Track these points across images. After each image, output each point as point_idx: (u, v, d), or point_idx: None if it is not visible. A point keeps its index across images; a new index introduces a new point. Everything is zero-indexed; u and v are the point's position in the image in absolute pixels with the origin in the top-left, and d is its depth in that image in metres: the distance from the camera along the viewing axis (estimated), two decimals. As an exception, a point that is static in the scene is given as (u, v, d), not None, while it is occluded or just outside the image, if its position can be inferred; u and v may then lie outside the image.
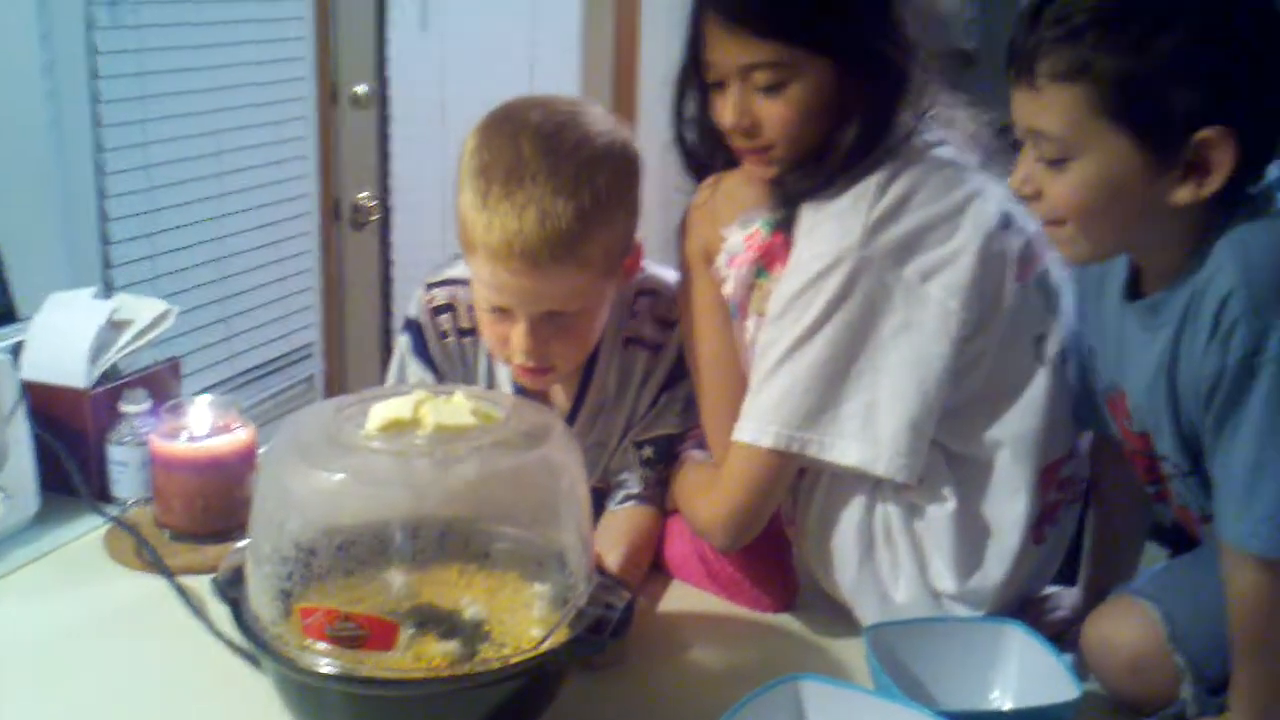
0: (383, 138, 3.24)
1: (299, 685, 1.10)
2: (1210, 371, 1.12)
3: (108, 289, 2.52)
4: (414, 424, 1.14)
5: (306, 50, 3.05)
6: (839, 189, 1.30)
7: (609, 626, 1.14)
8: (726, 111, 1.33)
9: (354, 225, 3.25)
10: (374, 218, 3.25)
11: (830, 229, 1.29)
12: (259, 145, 2.93)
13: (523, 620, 1.13)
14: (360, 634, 1.07)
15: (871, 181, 1.29)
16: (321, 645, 1.08)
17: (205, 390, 2.75)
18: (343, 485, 1.10)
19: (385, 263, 3.32)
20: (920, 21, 1.32)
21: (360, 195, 3.23)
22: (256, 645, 1.11)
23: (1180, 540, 2.18)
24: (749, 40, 1.28)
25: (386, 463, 1.10)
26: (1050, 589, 1.47)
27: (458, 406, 1.16)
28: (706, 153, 1.43)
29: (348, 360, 3.34)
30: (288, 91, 3.01)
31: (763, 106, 1.31)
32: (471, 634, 1.11)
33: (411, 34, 3.21)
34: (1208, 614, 1.18)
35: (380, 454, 1.11)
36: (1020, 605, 1.39)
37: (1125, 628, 1.25)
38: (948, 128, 1.39)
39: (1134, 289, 1.24)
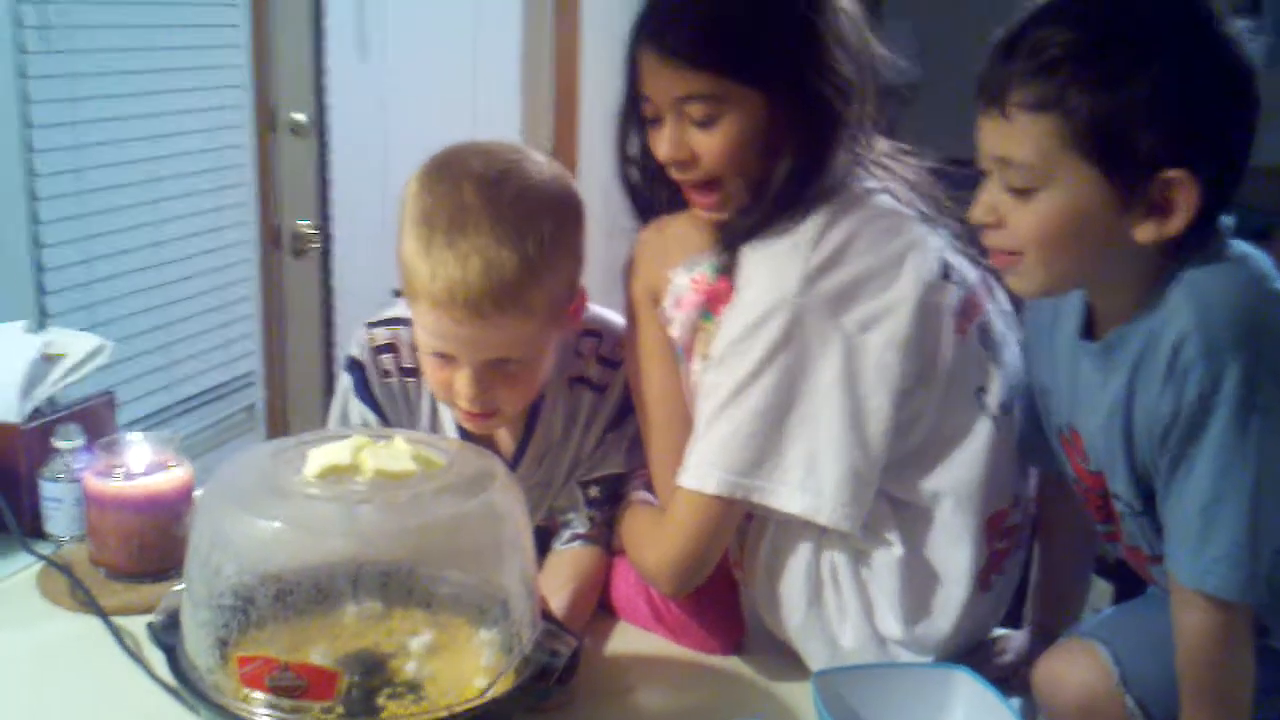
0: (322, 165, 3.20)
1: (235, 737, 1.07)
2: (1165, 413, 1.12)
3: (42, 317, 2.48)
4: (353, 469, 1.12)
5: (244, 78, 3.03)
6: (778, 231, 1.29)
7: (554, 673, 1.13)
8: (662, 144, 1.32)
9: (294, 253, 3.22)
10: (314, 245, 3.22)
11: (768, 275, 1.28)
12: (197, 172, 2.90)
13: (467, 667, 1.11)
14: (299, 684, 1.04)
15: (809, 227, 1.28)
16: (260, 695, 1.05)
17: (144, 419, 2.74)
18: (280, 532, 1.08)
19: (326, 290, 3.28)
20: (858, 62, 1.32)
21: (300, 223, 3.20)
22: (193, 694, 1.08)
23: (1125, 576, 2.21)
24: (682, 71, 1.28)
25: (325, 509, 1.08)
26: (997, 632, 1.47)
27: (398, 452, 1.14)
28: (650, 191, 1.42)
29: (288, 388, 3.30)
30: (225, 119, 2.99)
31: (697, 139, 1.30)
32: (413, 682, 1.09)
33: (350, 62, 3.18)
34: (1158, 656, 1.18)
35: (318, 500, 1.09)
36: (968, 649, 1.39)
37: (1076, 669, 1.25)
38: (887, 174, 1.39)
39: (1088, 329, 1.24)
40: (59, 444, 1.60)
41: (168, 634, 1.14)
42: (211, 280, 2.99)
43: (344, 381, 1.53)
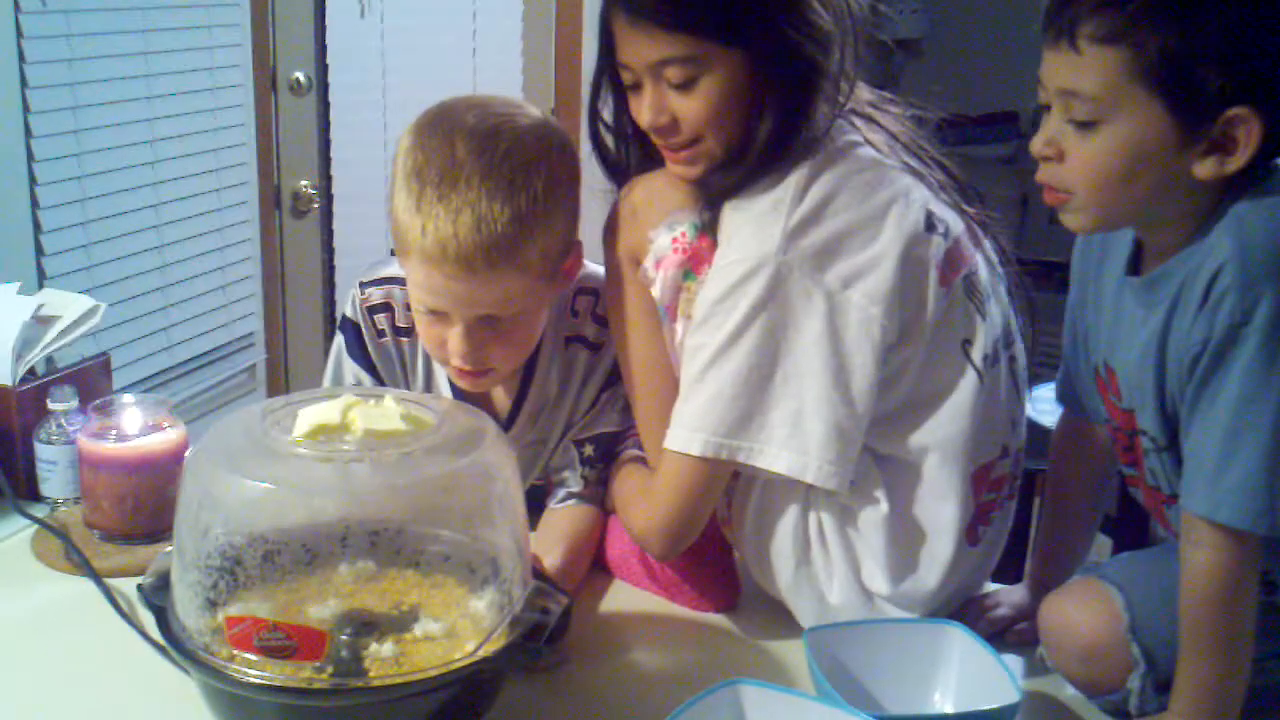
0: (323, 125, 3.20)
1: (227, 695, 1.07)
2: (1196, 340, 1.13)
3: (40, 279, 2.48)
4: (343, 429, 1.12)
5: (244, 37, 3.01)
6: (760, 189, 1.28)
7: (544, 632, 1.13)
8: (643, 111, 1.31)
9: (295, 213, 3.21)
10: (315, 205, 3.21)
11: (750, 233, 1.27)
12: (196, 132, 2.89)
13: (457, 627, 1.11)
14: (288, 644, 1.04)
15: (791, 183, 1.27)
16: (249, 655, 1.05)
17: (144, 380, 2.74)
18: (269, 492, 1.08)
19: (327, 250, 3.28)
20: (835, 9, 1.30)
21: (301, 183, 3.19)
22: (183, 654, 1.08)
23: (1126, 532, 2.21)
24: (657, 35, 1.26)
25: (314, 469, 1.08)
26: (993, 586, 1.47)
27: (388, 411, 1.14)
28: (625, 156, 1.41)
29: (290, 349, 3.30)
30: (225, 78, 2.98)
31: (678, 103, 1.28)
32: (399, 643, 1.09)
33: (350, 20, 3.16)
34: (1168, 608, 1.18)
35: (307, 460, 1.08)
36: (961, 605, 1.39)
37: (1086, 611, 1.25)
38: (870, 124, 1.37)
39: (1134, 265, 1.24)
40: (53, 406, 1.60)
41: (157, 595, 1.14)
42: (212, 241, 2.99)
43: (337, 341, 1.53)
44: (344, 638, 1.08)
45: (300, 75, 3.12)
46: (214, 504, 1.09)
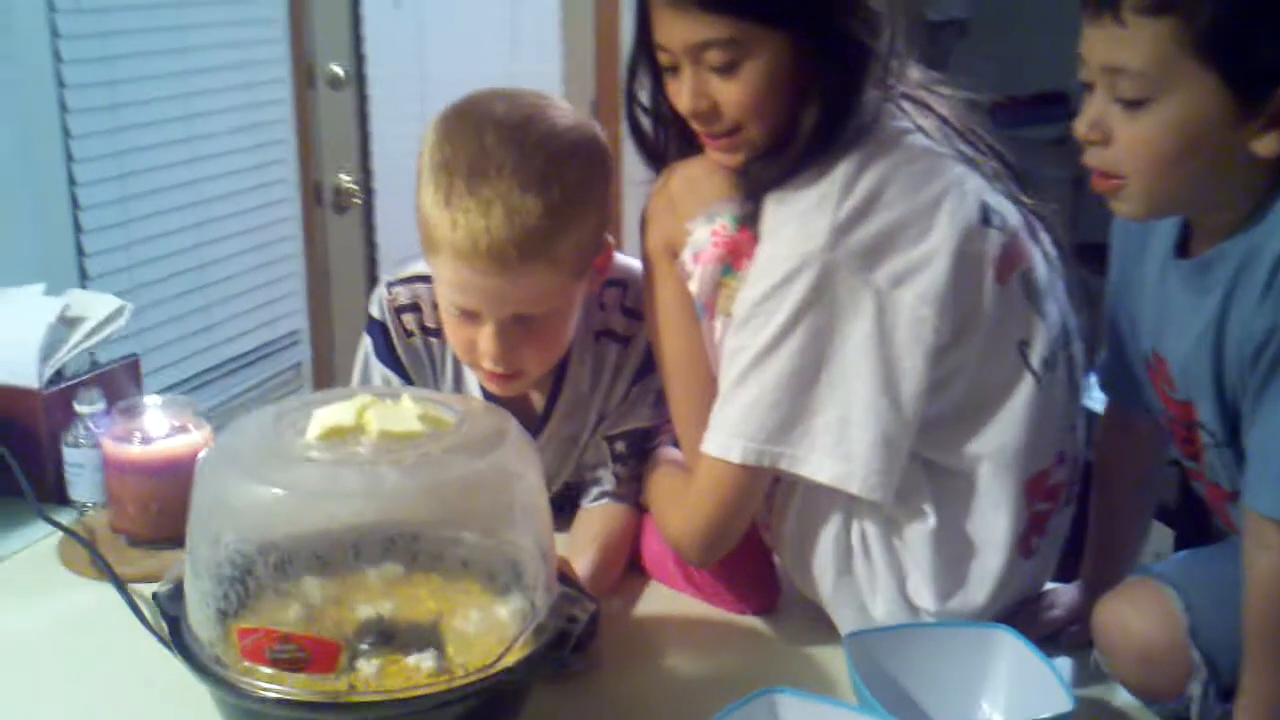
0: (362, 118, 3.17)
1: (240, 709, 1.03)
2: (1259, 330, 1.06)
3: (82, 279, 2.47)
4: (357, 431, 1.07)
5: (280, 31, 2.99)
6: (806, 179, 1.22)
7: (570, 641, 1.08)
8: (682, 96, 1.25)
9: (336, 209, 3.19)
10: (356, 200, 3.19)
11: (795, 229, 1.21)
12: (235, 129, 2.87)
13: (478, 636, 1.07)
14: (301, 656, 1.00)
15: (838, 174, 1.20)
16: (263, 668, 1.01)
17: (187, 381, 2.73)
18: (279, 499, 1.04)
19: (370, 245, 3.26)
20: None
21: (341, 178, 3.17)
22: (194, 666, 1.04)
23: (1187, 521, 2.14)
24: (697, 17, 1.19)
25: (326, 473, 1.04)
26: (1046, 585, 1.40)
27: (405, 412, 1.10)
28: (663, 141, 1.35)
29: (335, 346, 3.28)
30: (262, 73, 2.95)
31: (718, 88, 1.22)
32: (424, 650, 1.04)
33: (386, 11, 3.13)
34: (1230, 610, 1.12)
35: (320, 464, 1.04)
36: (1011, 609, 1.33)
37: (1142, 614, 1.19)
38: (920, 110, 1.31)
39: (1182, 246, 1.18)
40: (80, 409, 1.58)
41: (173, 604, 1.10)
42: (253, 239, 2.96)
43: (364, 344, 1.49)
44: (363, 648, 1.04)
45: (337, 68, 3.09)
46: (224, 510, 1.05)
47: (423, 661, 1.02)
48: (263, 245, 3.00)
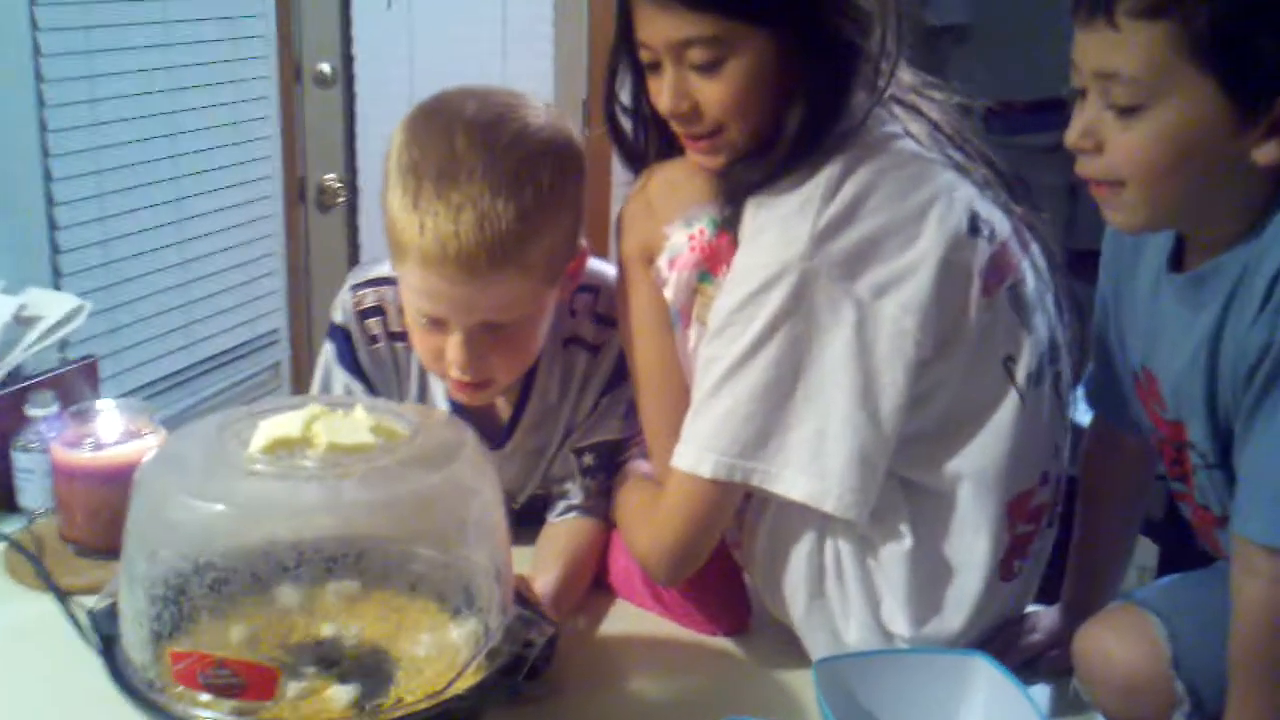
0: (349, 117, 3.12)
1: (173, 736, 0.98)
2: (1255, 347, 1.02)
3: (56, 276, 2.42)
4: (304, 443, 1.03)
5: (267, 27, 2.94)
6: (788, 184, 1.17)
7: (525, 666, 1.03)
8: (663, 95, 1.20)
9: (320, 207, 3.14)
10: (340, 199, 3.14)
11: (775, 235, 1.16)
12: (219, 125, 2.81)
13: (428, 660, 1.02)
14: (236, 682, 0.95)
15: (822, 179, 1.16)
16: (200, 694, 0.96)
17: (165, 378, 2.68)
18: (218, 514, 0.99)
19: (353, 245, 3.21)
20: None
21: (326, 176, 3.12)
22: (125, 689, 0.99)
23: (1172, 536, 2.09)
24: (680, 14, 1.15)
25: (267, 488, 0.99)
26: (1027, 608, 1.35)
27: (355, 423, 1.05)
28: (643, 142, 1.30)
29: (315, 346, 3.22)
30: (249, 70, 2.90)
31: (701, 87, 1.18)
32: (368, 677, 0.99)
33: (376, 9, 3.09)
34: (1216, 638, 1.08)
35: (261, 478, 0.99)
36: (989, 633, 1.28)
37: (1125, 644, 1.15)
38: (911, 113, 1.26)
39: (1175, 260, 1.14)
40: (31, 412, 1.52)
41: (108, 622, 1.05)
42: (235, 236, 2.91)
43: (326, 350, 1.44)
44: (302, 672, 0.99)
45: (325, 67, 3.05)
46: (159, 524, 1.01)
47: (340, 695, 0.97)
48: (244, 243, 2.94)
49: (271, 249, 3.04)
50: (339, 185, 3.13)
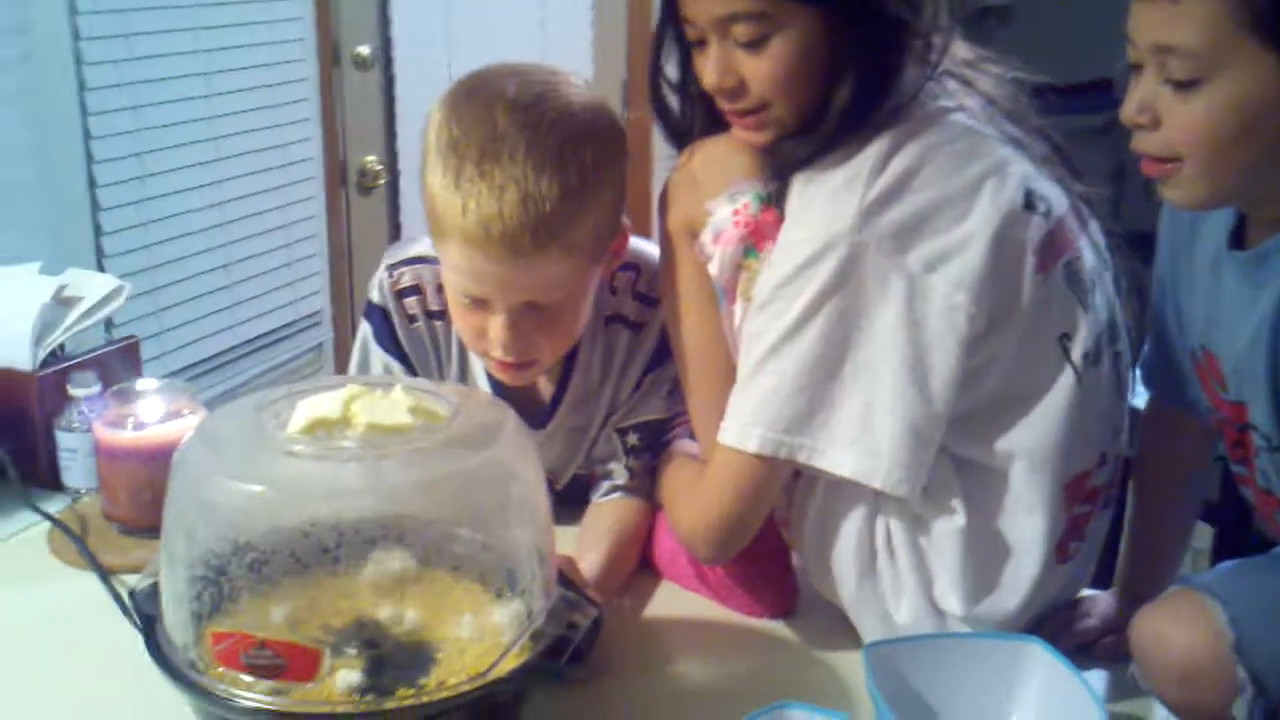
0: (388, 99, 3.12)
1: (214, 717, 0.97)
2: None
3: (99, 258, 2.42)
4: (343, 423, 1.01)
5: (305, 10, 2.94)
6: (836, 159, 1.15)
7: (568, 649, 1.01)
8: (708, 71, 1.18)
9: (361, 189, 3.15)
10: (381, 181, 3.15)
11: (822, 208, 1.14)
12: (259, 108, 2.82)
13: (470, 643, 1.00)
14: (278, 662, 0.94)
15: (870, 153, 1.13)
16: (240, 675, 0.95)
17: (207, 360, 2.69)
18: (255, 496, 0.97)
19: (394, 226, 3.21)
20: None
21: (367, 158, 3.12)
22: (166, 669, 0.98)
23: (1229, 521, 2.05)
24: None
25: (307, 469, 0.97)
26: (1082, 592, 1.32)
27: (395, 403, 1.03)
28: (688, 119, 1.28)
29: (357, 328, 3.22)
30: (287, 53, 2.90)
31: (746, 63, 1.15)
32: (408, 661, 0.98)
33: (415, -9, 3.08)
34: (1279, 625, 1.05)
35: (301, 459, 0.97)
36: (1044, 617, 1.25)
37: (1183, 628, 1.11)
38: (966, 88, 1.23)
39: (1237, 237, 1.10)
40: (74, 392, 1.52)
41: (150, 602, 1.04)
42: (276, 218, 2.92)
43: (363, 330, 1.43)
44: (349, 653, 0.98)
45: (364, 49, 3.05)
46: (198, 506, 0.99)
47: (348, 677, 0.95)
48: (285, 225, 2.95)
49: (313, 231, 3.06)
50: (379, 167, 3.13)
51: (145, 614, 1.04)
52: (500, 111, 1.21)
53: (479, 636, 1.00)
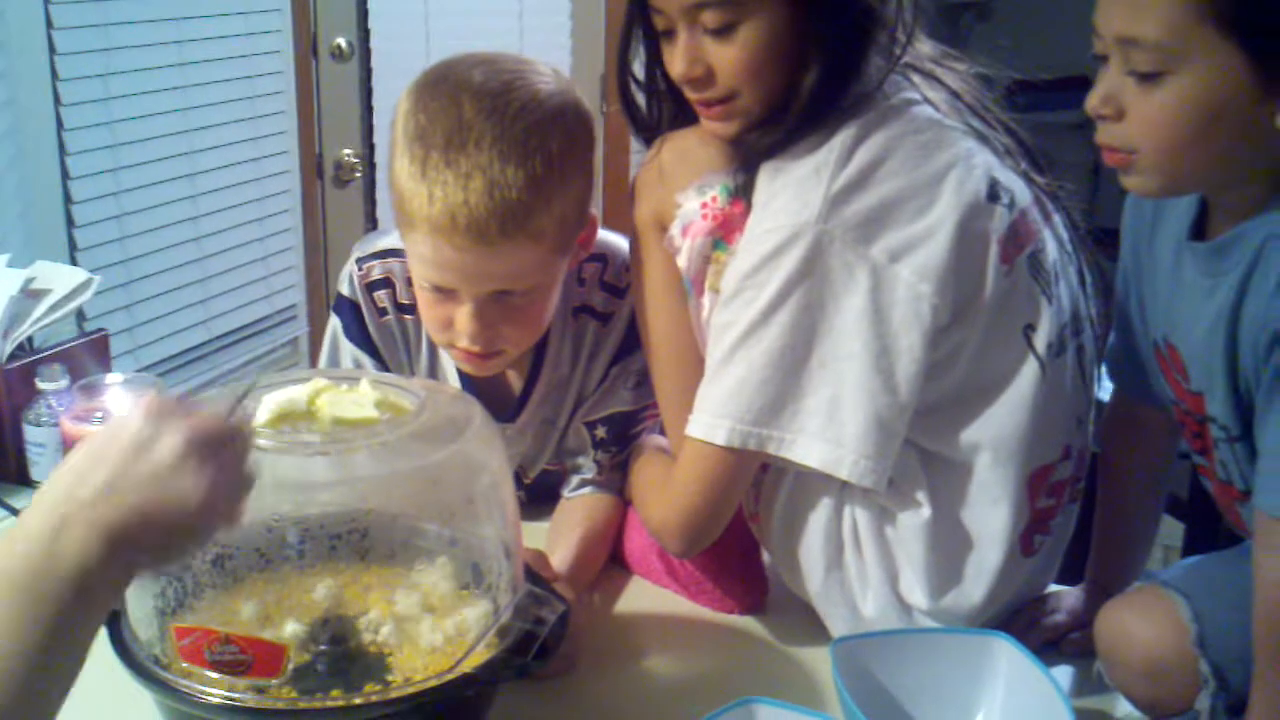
0: (365, 92, 3.10)
1: (177, 714, 0.96)
2: (1276, 317, 1.00)
3: (72, 251, 2.40)
4: (308, 417, 1.00)
5: (283, 1, 2.91)
6: (802, 150, 1.15)
7: (535, 644, 1.01)
8: (676, 60, 1.17)
9: (337, 183, 3.12)
10: (358, 174, 3.12)
11: (787, 199, 1.14)
12: (234, 100, 2.79)
13: (435, 639, 1.00)
14: (242, 659, 0.94)
15: (836, 143, 1.14)
16: (210, 673, 0.94)
17: (183, 353, 2.67)
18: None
19: (371, 220, 3.19)
20: None
21: (343, 152, 3.10)
22: (129, 665, 0.97)
23: (1198, 517, 2.06)
24: None
25: (272, 463, 0.96)
26: (1049, 588, 1.33)
27: (360, 397, 1.02)
28: (656, 113, 1.28)
29: (333, 322, 3.21)
30: (264, 44, 2.88)
31: (714, 52, 1.15)
32: (374, 657, 0.98)
33: (393, -18, 3.06)
34: (1242, 619, 1.05)
35: (266, 452, 0.96)
36: (1011, 612, 1.25)
37: (1147, 623, 1.12)
38: (930, 82, 1.23)
39: (1197, 228, 1.11)
40: (42, 385, 1.51)
41: (115, 598, 1.03)
42: (251, 211, 2.90)
43: (333, 324, 1.42)
44: (313, 649, 0.97)
45: (341, 41, 3.03)
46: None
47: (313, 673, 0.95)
48: (260, 219, 2.93)
49: (289, 224, 3.03)
50: (356, 160, 3.11)
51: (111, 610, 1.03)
52: (467, 100, 1.21)
53: (445, 632, 1.00)
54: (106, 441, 0.79)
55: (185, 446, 0.79)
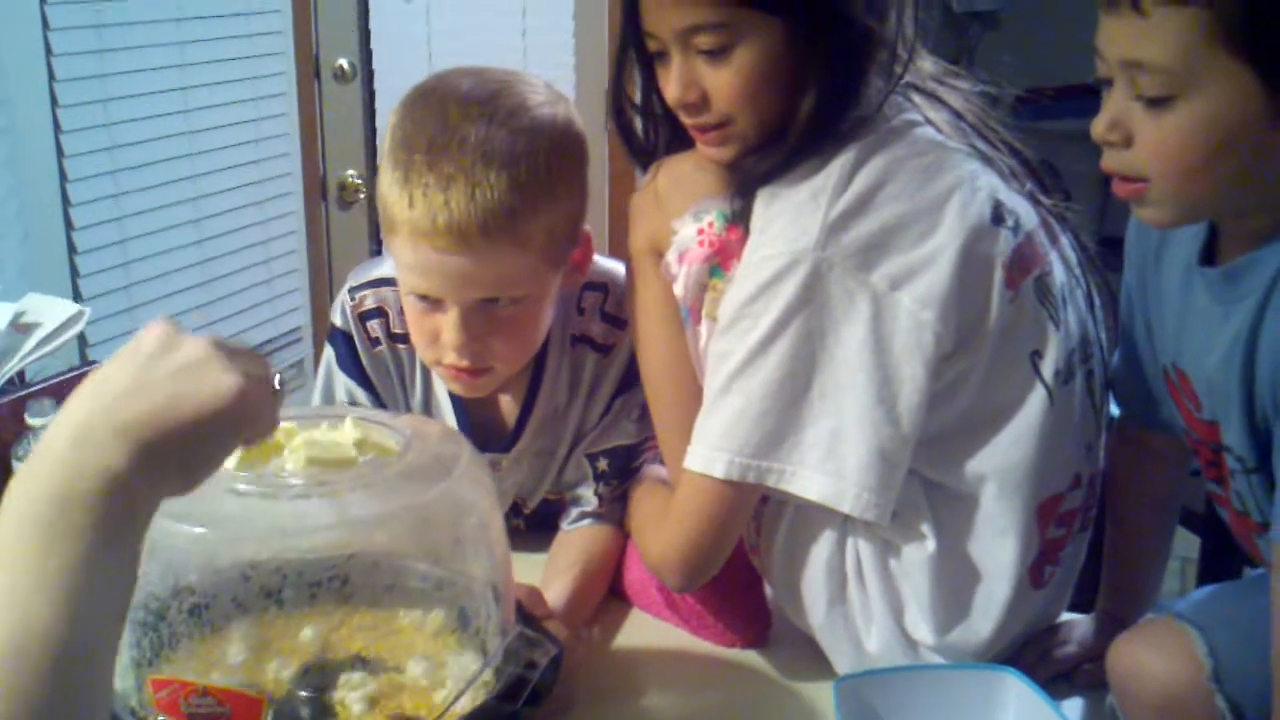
0: (369, 113, 3.08)
1: (157, 767, 0.94)
2: None
3: (74, 279, 2.39)
4: (284, 457, 0.97)
5: (285, 23, 2.91)
6: (800, 174, 1.12)
7: (525, 690, 0.98)
8: (670, 85, 1.15)
9: (341, 204, 3.11)
10: (362, 195, 3.11)
11: (785, 225, 1.11)
12: (237, 123, 2.79)
13: (422, 686, 0.97)
14: (220, 711, 0.91)
15: (834, 168, 1.11)
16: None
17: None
18: (197, 537, 0.94)
19: (375, 242, 3.17)
20: None
21: (347, 173, 3.09)
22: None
23: (1214, 531, 2.01)
24: (686, 0, 1.10)
25: (249, 508, 0.94)
26: (1060, 617, 1.29)
27: (341, 436, 0.99)
28: (652, 139, 1.25)
29: (336, 344, 3.20)
30: (266, 66, 2.87)
31: (708, 76, 1.13)
32: (360, 704, 0.95)
33: (395, 4, 3.05)
34: (1260, 653, 1.01)
35: (243, 497, 0.94)
36: (1020, 644, 1.22)
37: (1161, 656, 1.08)
38: (932, 101, 1.20)
39: (1207, 253, 1.07)
40: (31, 421, 1.48)
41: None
42: (255, 234, 2.90)
43: (327, 355, 1.40)
44: (300, 697, 0.94)
45: (344, 62, 3.02)
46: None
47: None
48: (264, 241, 2.93)
49: (293, 247, 3.03)
50: (359, 181, 3.09)
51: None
52: (453, 106, 1.20)
53: (432, 679, 0.97)
54: (128, 351, 0.76)
55: (211, 346, 0.76)
